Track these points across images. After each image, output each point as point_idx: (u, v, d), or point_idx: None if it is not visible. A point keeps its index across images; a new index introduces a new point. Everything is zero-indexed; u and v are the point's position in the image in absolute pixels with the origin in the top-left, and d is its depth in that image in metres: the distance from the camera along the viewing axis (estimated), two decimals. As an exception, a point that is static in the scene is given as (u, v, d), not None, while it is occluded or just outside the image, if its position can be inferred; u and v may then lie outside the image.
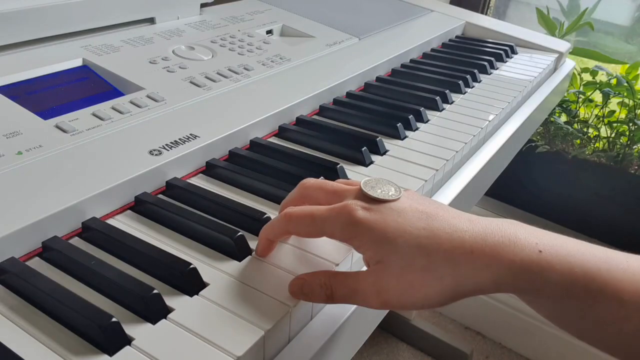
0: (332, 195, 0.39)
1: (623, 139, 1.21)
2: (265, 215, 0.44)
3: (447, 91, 0.73)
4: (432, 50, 0.93)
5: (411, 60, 0.87)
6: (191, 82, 0.61)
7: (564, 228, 1.31)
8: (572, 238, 0.35)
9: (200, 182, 0.50)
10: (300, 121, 0.63)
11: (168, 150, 0.49)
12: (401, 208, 0.36)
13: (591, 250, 0.34)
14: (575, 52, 1.24)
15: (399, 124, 0.62)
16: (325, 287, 0.36)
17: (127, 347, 0.33)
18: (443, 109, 0.71)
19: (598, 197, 1.25)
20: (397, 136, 0.61)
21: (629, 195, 1.22)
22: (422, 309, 0.36)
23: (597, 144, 1.25)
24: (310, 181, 0.41)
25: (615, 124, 1.21)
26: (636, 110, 1.18)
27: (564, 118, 1.27)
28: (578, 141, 1.27)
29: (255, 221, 0.43)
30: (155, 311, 0.35)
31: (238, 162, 0.53)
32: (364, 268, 0.44)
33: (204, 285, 0.38)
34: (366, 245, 0.35)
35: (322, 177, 0.49)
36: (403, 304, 0.35)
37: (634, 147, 1.21)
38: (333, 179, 0.50)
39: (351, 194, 0.38)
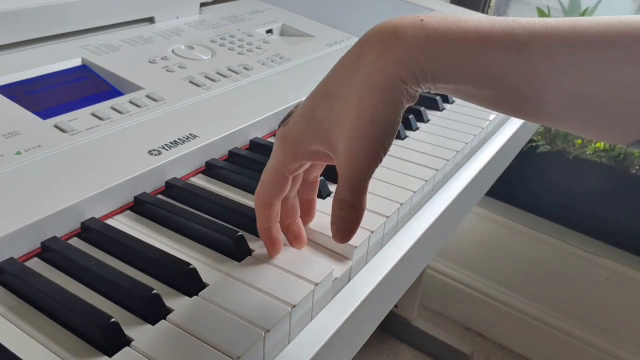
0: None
1: (624, 139, 1.21)
2: (265, 215, 0.44)
3: (447, 91, 0.73)
4: (433, 49, 0.93)
5: (411, 60, 0.87)
6: (191, 82, 0.61)
7: (564, 228, 1.31)
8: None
9: (199, 182, 0.50)
10: (300, 121, 0.63)
11: (167, 150, 0.49)
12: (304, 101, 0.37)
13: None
14: (576, 51, 1.23)
15: (399, 124, 0.62)
16: (341, 203, 0.34)
17: (126, 347, 0.32)
18: (444, 108, 0.70)
19: (599, 197, 1.25)
20: (397, 136, 0.61)
21: (630, 195, 1.22)
22: (389, 139, 0.33)
23: (598, 144, 1.24)
24: None
25: (616, 124, 1.21)
26: (637, 110, 1.18)
27: (564, 118, 1.27)
28: (579, 141, 1.27)
29: (254, 221, 0.43)
30: (154, 312, 0.35)
31: (238, 162, 0.53)
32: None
33: (203, 285, 0.37)
34: (306, 149, 0.36)
35: (321, 177, 0.49)
36: (366, 145, 0.32)
37: (635, 147, 1.21)
38: (333, 178, 0.50)
39: None
